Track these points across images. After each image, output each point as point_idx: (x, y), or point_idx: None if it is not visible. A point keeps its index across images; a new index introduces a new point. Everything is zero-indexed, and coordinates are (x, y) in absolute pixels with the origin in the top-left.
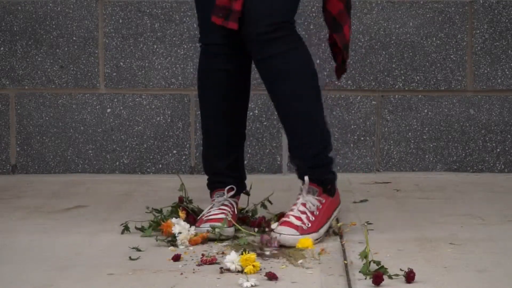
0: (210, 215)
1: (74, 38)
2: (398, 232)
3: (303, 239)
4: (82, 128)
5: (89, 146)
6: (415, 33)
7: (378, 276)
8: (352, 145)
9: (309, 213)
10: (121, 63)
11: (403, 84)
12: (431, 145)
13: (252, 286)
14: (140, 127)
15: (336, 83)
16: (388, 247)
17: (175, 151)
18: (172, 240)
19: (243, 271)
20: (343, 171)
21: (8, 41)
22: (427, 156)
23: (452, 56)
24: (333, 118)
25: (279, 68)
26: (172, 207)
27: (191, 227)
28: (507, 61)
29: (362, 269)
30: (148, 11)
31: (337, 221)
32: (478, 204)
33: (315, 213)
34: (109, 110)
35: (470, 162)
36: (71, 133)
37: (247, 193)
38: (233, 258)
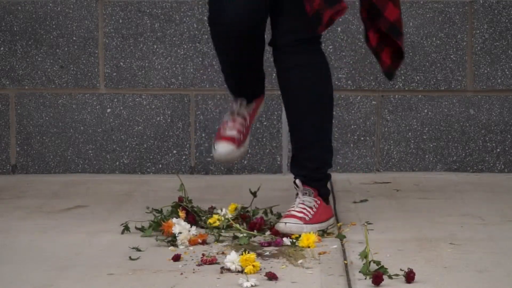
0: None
1: (74, 38)
2: (398, 232)
3: (307, 235)
4: (82, 128)
5: (89, 146)
6: (415, 33)
7: (378, 276)
8: (352, 145)
9: (309, 208)
10: (121, 63)
11: (403, 84)
12: (431, 145)
13: (252, 286)
14: (140, 127)
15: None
16: (388, 247)
17: (175, 151)
18: (172, 240)
19: (243, 271)
20: (343, 171)
21: (8, 41)
22: (427, 156)
23: (452, 56)
24: (333, 118)
25: (301, 78)
26: (172, 207)
27: (191, 227)
28: (507, 61)
29: (362, 269)
30: (148, 11)
31: (337, 221)
32: (478, 204)
33: (313, 209)
34: (109, 110)
35: (470, 162)
36: (71, 133)
37: (254, 195)
38: (233, 258)
